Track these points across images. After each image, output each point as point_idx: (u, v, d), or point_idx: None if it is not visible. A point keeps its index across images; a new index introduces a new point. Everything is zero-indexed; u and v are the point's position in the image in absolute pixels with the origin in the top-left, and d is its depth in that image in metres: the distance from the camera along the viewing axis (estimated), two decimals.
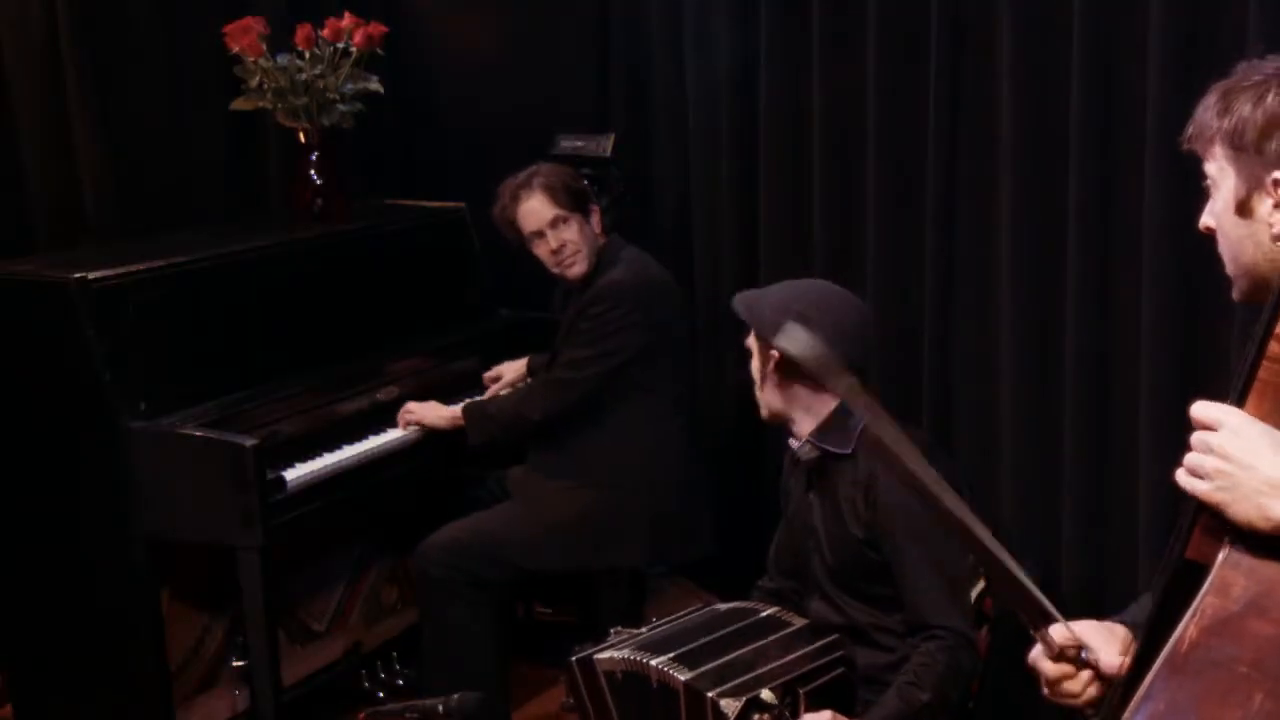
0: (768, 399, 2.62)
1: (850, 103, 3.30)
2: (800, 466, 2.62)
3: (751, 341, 2.64)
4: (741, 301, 2.66)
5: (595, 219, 3.35)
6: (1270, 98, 1.50)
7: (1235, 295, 1.60)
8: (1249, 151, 1.51)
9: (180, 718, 3.14)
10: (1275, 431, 1.31)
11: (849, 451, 2.51)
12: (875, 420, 1.47)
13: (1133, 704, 1.28)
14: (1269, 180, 1.49)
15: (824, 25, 3.35)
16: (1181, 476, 1.35)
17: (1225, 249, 1.57)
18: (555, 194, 3.28)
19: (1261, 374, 1.30)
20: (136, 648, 3.06)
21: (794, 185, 3.55)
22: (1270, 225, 1.50)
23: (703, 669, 2.36)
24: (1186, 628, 1.27)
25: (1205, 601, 1.28)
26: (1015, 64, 2.84)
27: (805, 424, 2.58)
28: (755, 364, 2.63)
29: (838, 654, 2.42)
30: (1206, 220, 1.59)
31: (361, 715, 2.50)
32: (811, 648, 2.43)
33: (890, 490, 2.43)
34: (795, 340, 1.63)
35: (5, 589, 3.22)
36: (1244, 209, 1.53)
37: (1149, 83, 2.53)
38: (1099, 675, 1.55)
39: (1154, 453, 2.59)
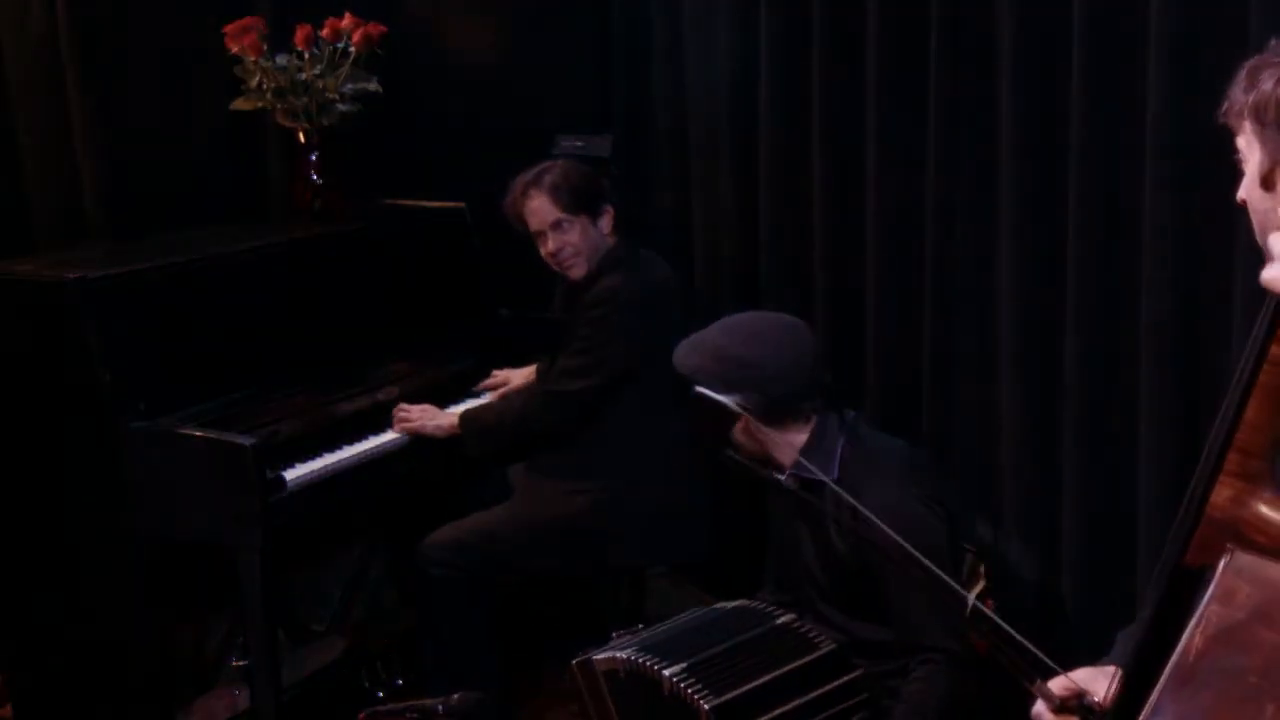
0: (741, 443, 2.61)
1: (850, 103, 3.30)
2: (785, 494, 2.61)
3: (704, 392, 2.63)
4: (680, 356, 2.64)
5: (606, 220, 3.31)
6: None
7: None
8: (1272, 127, 1.52)
9: (180, 718, 3.14)
10: None
11: (834, 478, 2.50)
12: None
13: (1142, 716, 1.27)
14: None
15: (824, 25, 3.35)
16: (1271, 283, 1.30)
17: (1255, 222, 1.59)
18: (560, 195, 3.26)
19: (1262, 378, 1.29)
20: (136, 648, 3.06)
21: (794, 185, 3.54)
22: None
23: (725, 698, 2.33)
24: (1192, 637, 1.25)
25: (1209, 610, 1.26)
26: (1015, 64, 2.84)
27: (786, 457, 2.57)
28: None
29: (862, 696, 2.41)
30: (1241, 194, 1.60)
31: (361, 715, 2.50)
32: (835, 685, 2.41)
33: (879, 515, 2.42)
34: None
35: (5, 589, 3.22)
36: (1268, 182, 1.54)
37: (1149, 83, 2.53)
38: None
39: (1154, 453, 2.59)
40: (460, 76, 4.24)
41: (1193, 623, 1.26)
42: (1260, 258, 1.49)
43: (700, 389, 2.52)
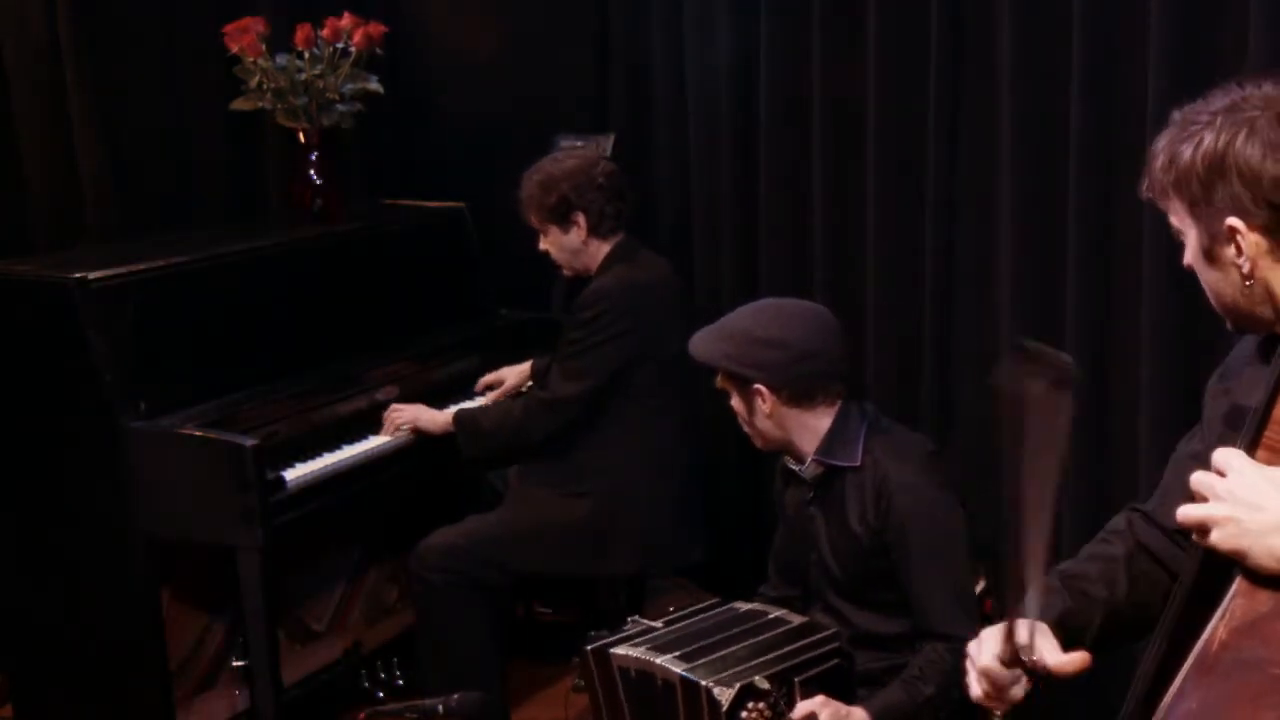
0: (762, 430, 2.60)
1: (850, 102, 3.30)
2: (802, 483, 2.61)
3: (724, 382, 2.61)
4: (699, 346, 2.61)
5: (576, 231, 3.28)
6: (1207, 141, 1.50)
7: (1229, 327, 1.61)
8: (1200, 203, 1.51)
9: (180, 718, 3.14)
10: (1275, 471, 1.30)
11: (857, 464, 2.51)
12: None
13: (1165, 702, 1.29)
14: (1225, 227, 1.49)
15: (824, 25, 3.35)
16: (1188, 521, 1.34)
17: (1207, 290, 1.59)
18: (529, 207, 3.31)
19: (1267, 439, 1.32)
20: (136, 648, 3.06)
21: (794, 184, 3.54)
22: (1238, 266, 1.50)
23: (699, 662, 2.37)
24: (1216, 629, 1.28)
25: (1234, 603, 1.29)
26: (1015, 64, 2.84)
27: (807, 444, 2.56)
28: (737, 400, 2.61)
29: (834, 645, 2.42)
30: (1187, 260, 1.60)
31: (361, 715, 2.50)
32: (808, 640, 2.43)
33: (905, 496, 2.43)
34: None
35: (5, 589, 3.22)
36: (1210, 256, 1.54)
37: (1149, 83, 2.53)
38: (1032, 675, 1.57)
39: (1154, 453, 2.59)
40: (460, 76, 4.24)
41: (1217, 615, 1.29)
42: None
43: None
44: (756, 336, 2.55)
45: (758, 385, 2.54)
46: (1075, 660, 1.56)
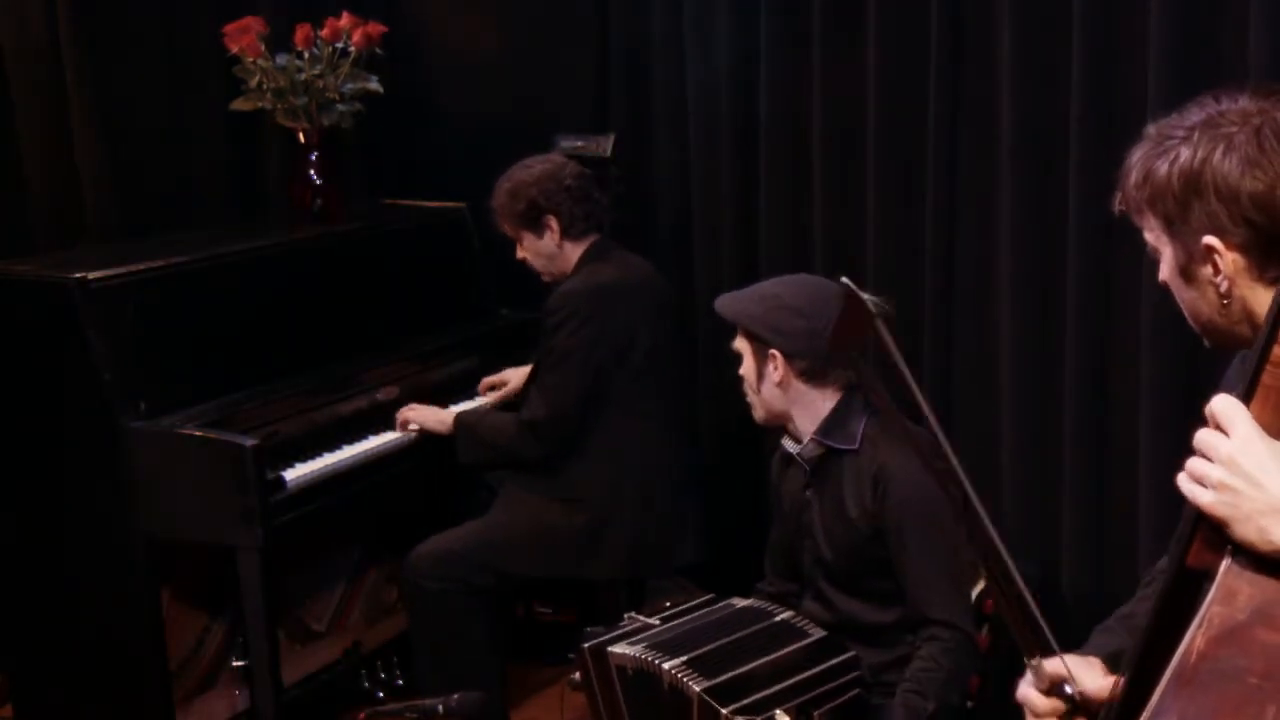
0: (767, 399, 2.60)
1: (850, 103, 3.30)
2: (799, 466, 2.61)
3: (741, 343, 2.62)
4: (726, 303, 2.63)
5: (550, 235, 3.30)
6: (1183, 157, 1.48)
7: (1206, 345, 1.60)
8: (1176, 221, 1.49)
9: (180, 718, 3.14)
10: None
11: (855, 447, 2.51)
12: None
13: (1144, 717, 1.27)
14: (1201, 246, 1.47)
15: (824, 25, 3.35)
16: (1184, 482, 1.32)
17: (1182, 308, 1.58)
18: (501, 217, 3.34)
19: (1265, 379, 1.29)
20: (136, 648, 3.06)
21: (794, 185, 3.54)
22: (1216, 285, 1.49)
23: (718, 680, 2.35)
24: (1194, 638, 1.26)
25: (1211, 611, 1.26)
26: (1015, 64, 2.84)
27: (806, 423, 2.56)
28: (749, 364, 2.60)
29: (855, 674, 2.41)
30: (1162, 277, 1.59)
31: (361, 715, 2.50)
32: (828, 665, 2.41)
33: (902, 483, 2.43)
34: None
35: (5, 589, 3.22)
36: (1187, 275, 1.53)
37: (1149, 83, 2.54)
38: (1083, 711, 1.55)
39: (1154, 453, 2.60)
40: (460, 76, 4.24)
41: (1194, 624, 1.26)
42: None
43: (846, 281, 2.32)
44: (785, 303, 2.54)
45: (774, 350, 2.53)
46: (1110, 686, 1.55)
